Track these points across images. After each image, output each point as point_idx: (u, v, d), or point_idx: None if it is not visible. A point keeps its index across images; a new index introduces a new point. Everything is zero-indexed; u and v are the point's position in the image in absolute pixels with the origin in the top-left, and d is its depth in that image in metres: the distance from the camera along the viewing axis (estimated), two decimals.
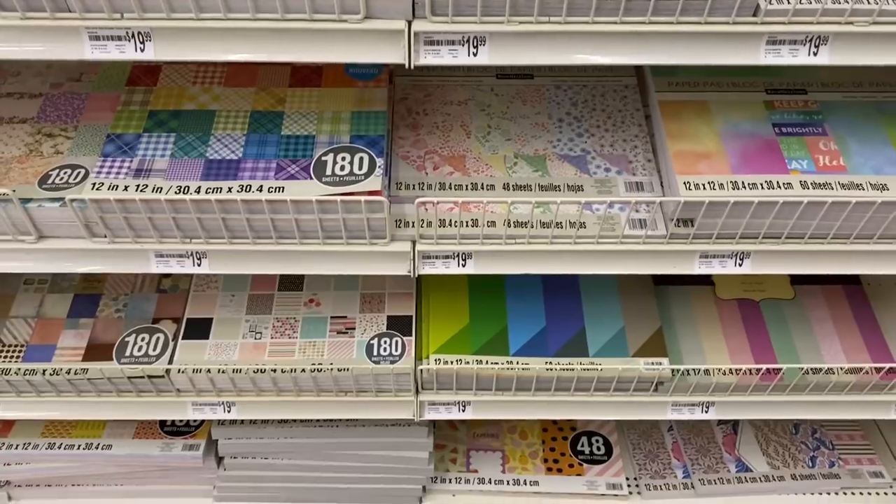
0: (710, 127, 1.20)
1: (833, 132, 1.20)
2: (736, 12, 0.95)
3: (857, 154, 1.17)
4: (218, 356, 1.37)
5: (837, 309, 1.48)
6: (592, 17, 0.95)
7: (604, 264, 1.20)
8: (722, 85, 1.27)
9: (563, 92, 1.36)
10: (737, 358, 1.41)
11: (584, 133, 1.30)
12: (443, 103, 1.34)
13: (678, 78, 1.28)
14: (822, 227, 1.15)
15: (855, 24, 0.97)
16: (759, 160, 1.16)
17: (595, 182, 1.23)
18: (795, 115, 1.22)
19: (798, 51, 0.99)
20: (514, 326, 1.41)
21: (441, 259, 1.20)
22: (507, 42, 0.98)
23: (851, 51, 0.99)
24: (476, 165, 1.25)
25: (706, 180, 1.13)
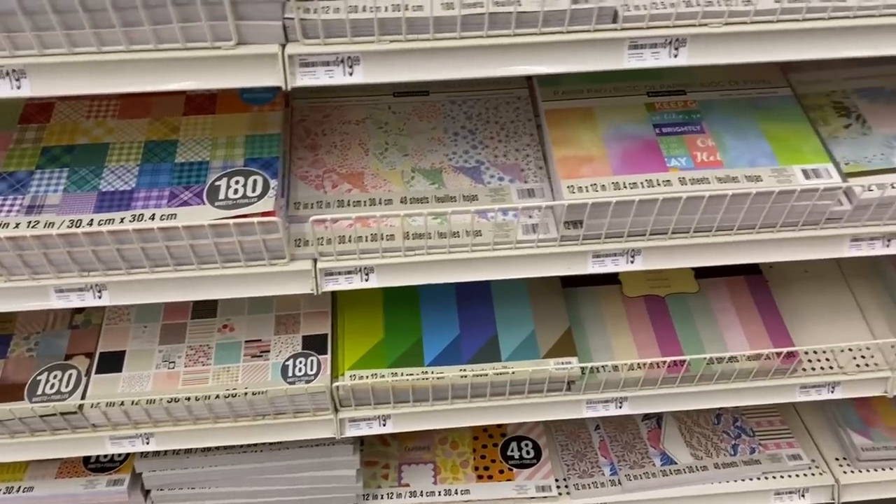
0: (594, 132, 1.25)
1: (710, 129, 1.25)
2: (596, 20, 1.00)
3: (733, 149, 1.23)
4: (131, 388, 1.36)
5: (740, 299, 1.54)
6: (459, 32, 0.99)
7: (500, 270, 1.23)
8: (605, 91, 1.32)
9: (458, 106, 1.40)
10: (644, 352, 1.45)
11: (479, 145, 1.33)
12: (341, 123, 1.37)
13: (563, 87, 1.32)
14: (705, 220, 1.20)
15: (709, 26, 1.02)
16: (639, 160, 1.21)
17: (489, 191, 1.27)
18: (675, 116, 1.28)
19: (659, 53, 1.04)
20: (428, 337, 1.44)
21: (343, 275, 1.22)
22: (380, 60, 1.01)
23: (708, 51, 1.04)
24: (374, 181, 1.28)
25: (589, 183, 1.18)
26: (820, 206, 1.20)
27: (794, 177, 1.19)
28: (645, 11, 1.00)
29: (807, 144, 1.23)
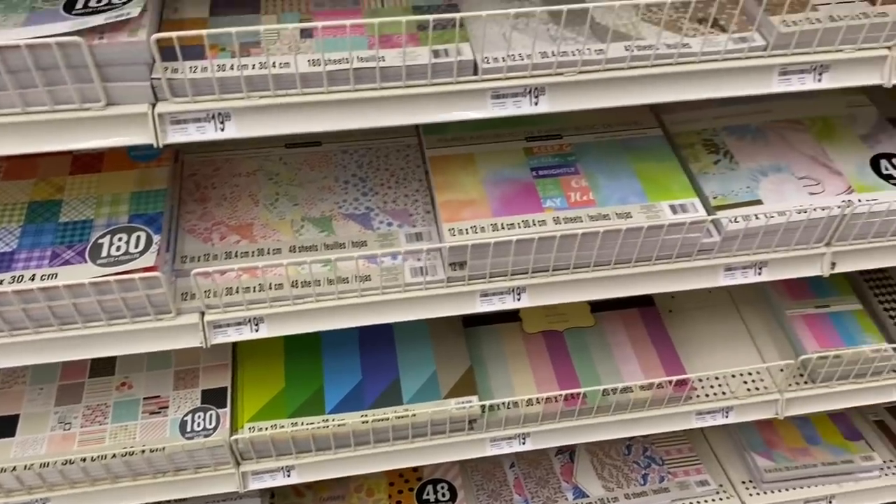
0: (475, 176, 1.30)
1: (585, 170, 1.31)
2: (457, 72, 1.05)
3: (606, 188, 1.29)
4: (24, 453, 1.33)
5: (634, 331, 1.59)
6: (327, 87, 1.03)
7: (390, 313, 1.26)
8: (487, 137, 1.37)
9: (349, 156, 1.43)
10: (543, 388, 1.49)
11: (369, 192, 1.37)
12: (232, 176, 1.39)
13: (448, 134, 1.37)
14: (583, 256, 1.25)
15: (565, 75, 1.08)
16: (517, 202, 1.25)
17: (378, 237, 1.30)
18: (551, 159, 1.34)
19: (521, 102, 1.10)
20: (329, 384, 1.45)
21: (233, 326, 1.23)
22: (251, 115, 1.04)
23: (567, 98, 1.10)
24: (263, 232, 1.30)
25: (469, 225, 1.22)
26: (690, 238, 1.26)
27: (662, 212, 1.25)
28: (503, 63, 1.06)
29: (675, 181, 1.30)
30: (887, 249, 1.36)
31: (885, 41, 1.14)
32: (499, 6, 1.19)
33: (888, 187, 1.34)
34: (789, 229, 1.29)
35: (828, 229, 1.31)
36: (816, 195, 1.32)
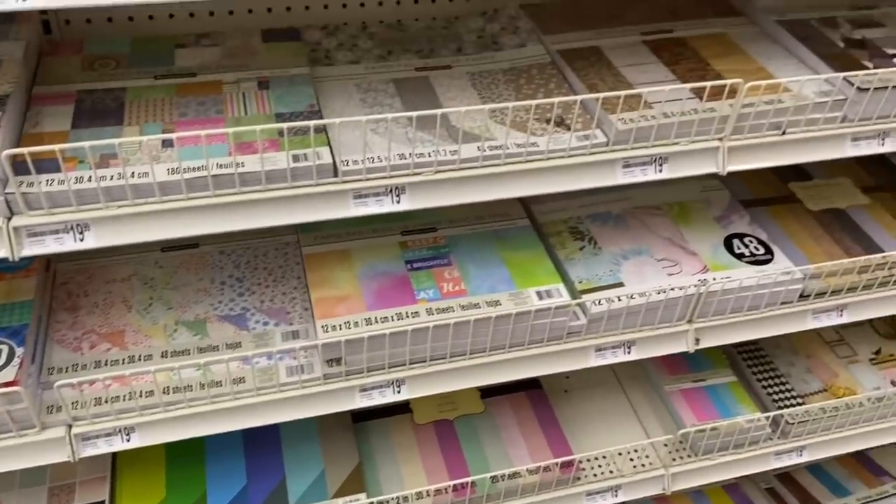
0: (350, 272, 1.33)
1: (457, 261, 1.36)
2: (317, 175, 1.09)
3: (477, 278, 1.33)
4: None
5: (522, 414, 1.62)
6: (186, 194, 1.05)
7: (267, 415, 1.25)
8: (363, 233, 1.41)
9: (227, 256, 1.44)
10: (434, 479, 1.49)
11: (246, 292, 1.38)
12: (105, 282, 1.38)
13: (324, 231, 1.41)
14: (458, 345, 1.28)
15: (423, 175, 1.14)
16: (391, 295, 1.29)
17: (253, 337, 1.30)
18: (426, 251, 1.38)
19: (383, 200, 1.14)
20: (213, 490, 1.41)
21: (103, 437, 1.20)
22: (111, 224, 1.05)
23: (426, 195, 1.15)
24: (135, 338, 1.28)
25: (343, 321, 1.24)
26: (558, 322, 1.31)
27: (529, 299, 1.30)
28: (362, 165, 1.11)
29: (541, 268, 1.36)
30: (747, 323, 1.44)
31: (715, 133, 1.24)
32: (360, 110, 1.25)
33: (740, 265, 1.43)
34: (651, 309, 1.35)
35: (687, 307, 1.38)
36: (674, 275, 1.40)
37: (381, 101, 1.27)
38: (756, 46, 1.43)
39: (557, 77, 1.34)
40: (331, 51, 1.39)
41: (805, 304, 1.45)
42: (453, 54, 1.40)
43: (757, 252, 1.46)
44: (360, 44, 1.42)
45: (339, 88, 1.30)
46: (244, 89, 1.24)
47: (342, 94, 1.29)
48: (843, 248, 1.52)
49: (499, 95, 1.30)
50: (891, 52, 1.39)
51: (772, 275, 1.38)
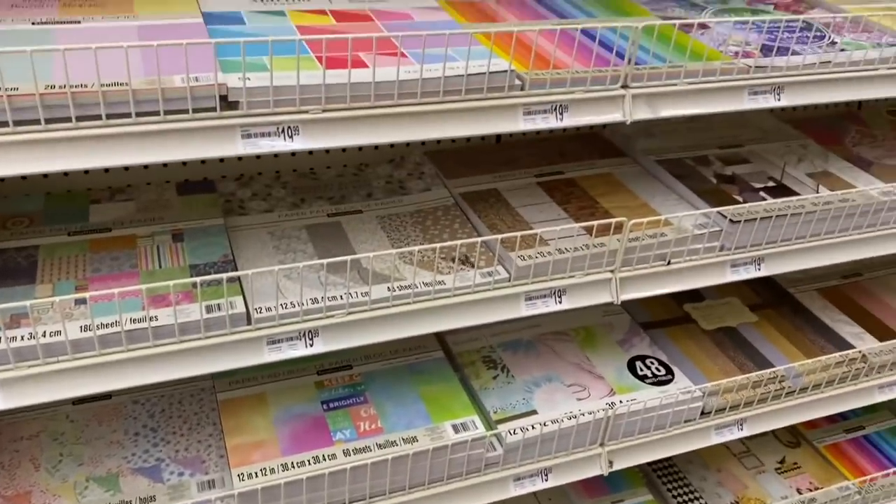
0: (266, 417, 1.34)
1: (373, 399, 1.39)
2: (230, 325, 1.13)
3: (393, 414, 1.36)
4: None
5: None
6: (99, 350, 1.06)
7: None
8: (279, 374, 1.43)
9: (141, 406, 1.43)
10: None
11: (160, 442, 1.36)
12: (12, 441, 1.34)
13: (240, 376, 1.42)
14: (377, 485, 1.29)
15: (335, 317, 1.18)
16: (307, 438, 1.29)
17: (168, 489, 1.27)
18: (342, 390, 1.41)
19: (296, 344, 1.18)
20: None
21: None
22: (18, 385, 1.04)
23: (339, 338, 1.19)
24: (43, 499, 1.24)
25: (259, 468, 1.23)
26: (475, 455, 1.34)
27: (445, 433, 1.34)
28: (275, 312, 1.15)
29: (457, 401, 1.40)
30: (655, 443, 1.51)
31: (607, 266, 1.35)
32: (273, 257, 1.30)
33: (644, 387, 1.51)
34: (563, 435, 1.40)
35: (598, 431, 1.44)
36: (584, 400, 1.47)
37: (294, 247, 1.33)
38: (639, 184, 1.57)
39: (461, 218, 1.44)
40: (245, 201, 1.45)
41: (707, 420, 1.52)
42: (363, 200, 1.49)
43: (658, 373, 1.54)
44: (274, 193, 1.49)
45: (253, 237, 1.35)
46: (158, 242, 1.28)
47: (256, 243, 1.34)
48: (737, 364, 1.63)
49: (407, 237, 1.38)
50: (757, 186, 1.56)
51: (673, 395, 1.46)
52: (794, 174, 1.62)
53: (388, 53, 1.17)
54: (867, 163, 1.73)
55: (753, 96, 1.35)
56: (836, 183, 1.60)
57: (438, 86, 1.13)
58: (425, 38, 1.13)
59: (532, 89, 1.20)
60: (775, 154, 1.70)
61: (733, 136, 1.77)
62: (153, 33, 1.16)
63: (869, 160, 1.75)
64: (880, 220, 1.53)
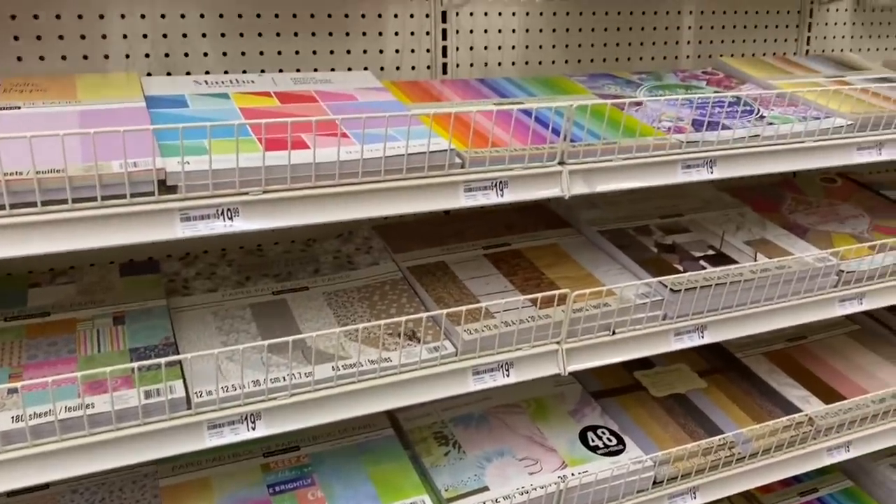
0: (208, 503, 1.30)
1: (321, 481, 1.36)
2: (170, 410, 1.10)
3: (341, 497, 1.33)
4: None
5: None
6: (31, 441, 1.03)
7: None
8: (224, 458, 1.39)
9: (80, 495, 1.37)
10: None
11: None
12: None
13: (183, 460, 1.38)
14: None
15: (278, 399, 1.17)
16: None
17: None
18: (289, 472, 1.37)
19: (238, 428, 1.15)
20: None
21: None
22: None
23: (283, 419, 1.17)
24: None
25: None
26: None
27: None
28: (216, 395, 1.13)
29: (407, 480, 1.38)
30: None
31: (553, 338, 1.36)
32: (216, 339, 1.29)
33: (596, 458, 1.51)
34: None
35: None
36: (536, 474, 1.45)
37: (237, 327, 1.32)
38: (583, 254, 1.60)
39: (408, 292, 1.44)
40: (189, 280, 1.44)
41: (660, 489, 1.52)
42: (310, 276, 1.48)
43: (610, 443, 1.54)
44: (219, 271, 1.48)
45: (196, 318, 1.34)
46: (99, 326, 1.26)
47: (199, 324, 1.32)
48: (688, 431, 1.63)
49: (353, 313, 1.38)
50: (697, 255, 1.60)
51: (625, 465, 1.46)
52: (733, 242, 1.67)
53: (329, 134, 1.20)
54: (803, 229, 1.79)
55: (687, 170, 1.40)
56: (774, 250, 1.65)
57: (380, 165, 1.15)
58: (365, 120, 1.15)
59: (472, 167, 1.24)
60: (714, 223, 1.76)
61: (674, 205, 1.82)
62: (94, 119, 1.16)
63: (805, 227, 1.81)
64: (816, 286, 1.58)
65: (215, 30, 1.51)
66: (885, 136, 1.57)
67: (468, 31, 1.72)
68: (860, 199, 2.00)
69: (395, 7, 1.64)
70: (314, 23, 1.58)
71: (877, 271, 1.65)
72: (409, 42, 1.67)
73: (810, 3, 2.08)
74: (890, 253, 1.67)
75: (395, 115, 1.15)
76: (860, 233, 1.81)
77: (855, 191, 2.05)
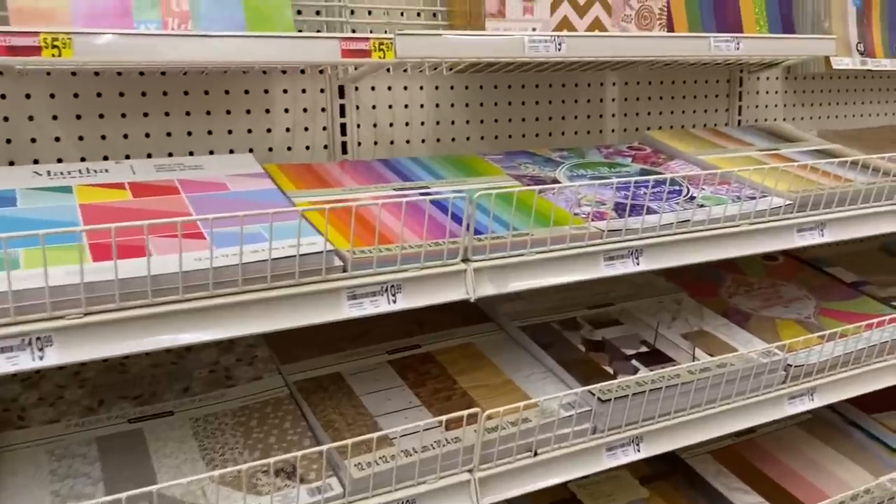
0: None
1: None
2: None
3: None
4: None
5: None
6: None
7: None
8: None
9: None
10: None
11: None
12: None
13: None
14: None
15: None
16: None
17: None
18: None
19: None
20: None
21: None
22: None
23: None
24: None
25: None
26: None
27: None
28: None
29: None
30: None
31: (463, 465, 1.15)
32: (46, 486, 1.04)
33: None
34: None
35: None
36: None
37: (76, 470, 1.07)
38: (503, 355, 1.41)
39: (294, 414, 1.22)
40: (27, 409, 1.20)
41: None
42: (178, 396, 1.25)
43: None
44: (68, 395, 1.24)
45: (27, 458, 1.09)
46: None
47: (30, 466, 1.08)
48: None
49: (223, 444, 1.15)
50: (629, 353, 1.42)
51: None
52: (669, 336, 1.50)
53: (189, 235, 1.00)
54: (745, 316, 1.64)
55: (610, 262, 1.23)
56: (713, 344, 1.49)
57: (237, 273, 0.95)
58: (213, 221, 0.95)
59: (356, 270, 1.04)
60: (648, 312, 1.59)
61: (604, 292, 1.65)
62: None
63: (746, 313, 1.66)
64: (762, 384, 1.41)
65: (69, 111, 1.31)
66: (826, 215, 1.44)
67: (370, 107, 1.55)
68: (804, 279, 1.86)
69: (283, 82, 1.46)
70: (188, 101, 1.39)
71: (827, 363, 1.49)
72: (303, 119, 1.49)
73: (739, 73, 1.99)
74: (840, 341, 1.52)
75: (250, 215, 0.95)
76: (807, 318, 1.66)
77: (798, 269, 1.92)
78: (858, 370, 1.53)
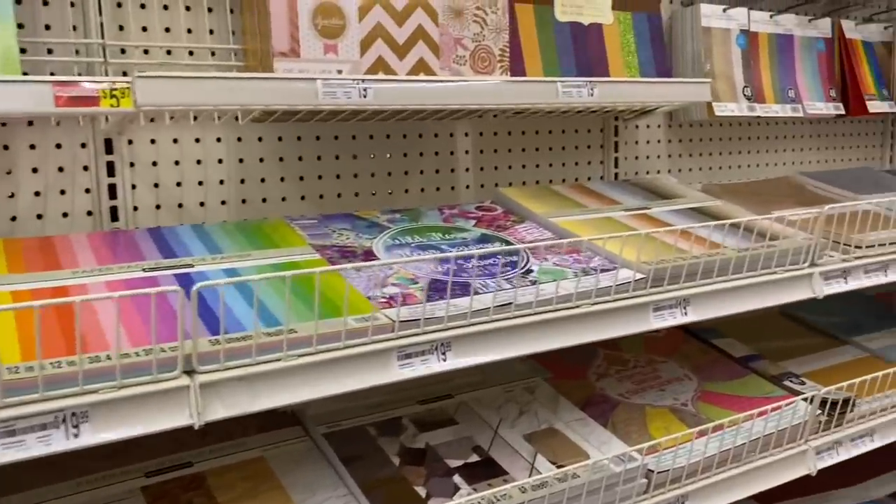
0: None
1: None
2: None
3: None
4: None
5: None
6: None
7: None
8: None
9: None
10: None
11: None
12: None
13: None
14: None
15: None
16: None
17: None
18: None
19: None
20: None
21: None
22: None
23: None
24: None
25: None
26: None
27: None
28: None
29: None
30: None
31: None
32: None
33: None
34: None
35: None
36: None
37: None
38: (298, 474, 1.12)
39: None
40: None
41: None
42: None
43: None
44: None
45: None
46: None
47: None
48: None
49: None
50: (454, 465, 1.15)
51: None
52: (509, 438, 1.23)
53: None
54: (611, 404, 1.39)
55: (406, 361, 0.97)
56: (560, 447, 1.22)
57: None
58: None
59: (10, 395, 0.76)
60: (492, 405, 1.33)
61: (446, 380, 1.39)
62: None
63: (614, 400, 1.41)
64: (618, 497, 1.16)
65: None
66: (689, 290, 1.21)
67: (150, 164, 1.28)
68: (688, 354, 1.63)
69: (29, 135, 1.19)
70: None
71: (699, 465, 1.25)
72: (57, 181, 1.21)
73: (614, 121, 1.78)
74: (715, 435, 1.28)
75: None
76: (683, 404, 1.42)
77: (683, 342, 1.68)
78: (737, 469, 1.29)
